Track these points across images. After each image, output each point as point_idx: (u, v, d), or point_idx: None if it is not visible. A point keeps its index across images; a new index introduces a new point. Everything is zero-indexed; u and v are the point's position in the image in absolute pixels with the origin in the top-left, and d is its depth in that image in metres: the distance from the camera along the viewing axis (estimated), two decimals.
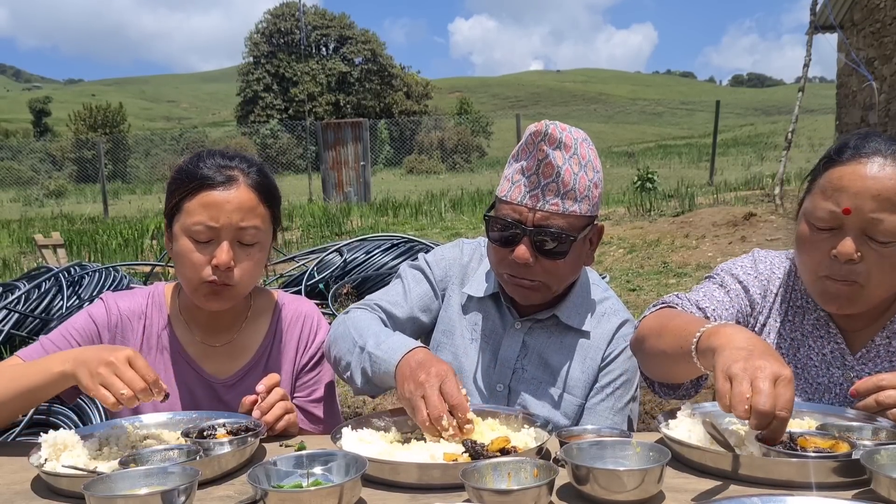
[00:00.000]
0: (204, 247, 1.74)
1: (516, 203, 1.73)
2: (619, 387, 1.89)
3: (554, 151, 1.70)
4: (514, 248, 1.74)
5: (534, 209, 1.72)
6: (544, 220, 1.71)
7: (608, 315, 1.93)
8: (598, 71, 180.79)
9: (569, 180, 1.71)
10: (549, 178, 1.70)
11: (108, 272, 6.11)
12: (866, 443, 1.39)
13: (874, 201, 1.52)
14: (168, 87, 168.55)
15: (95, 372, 1.50)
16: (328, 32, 50.71)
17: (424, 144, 35.31)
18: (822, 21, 11.93)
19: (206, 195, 1.74)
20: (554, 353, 1.89)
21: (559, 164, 1.70)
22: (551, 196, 1.71)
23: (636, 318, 1.85)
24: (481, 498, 1.18)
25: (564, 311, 1.89)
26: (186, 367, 1.87)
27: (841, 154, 1.60)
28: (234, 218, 1.74)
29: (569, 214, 1.72)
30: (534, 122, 1.76)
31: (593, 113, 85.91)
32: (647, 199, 11.32)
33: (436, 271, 1.99)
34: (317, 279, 6.63)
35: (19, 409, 1.69)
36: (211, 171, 1.76)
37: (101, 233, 12.45)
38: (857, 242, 1.55)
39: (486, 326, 1.94)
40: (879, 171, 1.53)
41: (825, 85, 47.98)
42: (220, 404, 1.86)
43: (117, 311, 1.88)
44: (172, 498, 1.18)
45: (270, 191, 1.83)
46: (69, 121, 51.76)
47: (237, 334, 1.91)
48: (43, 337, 1.85)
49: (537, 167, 1.71)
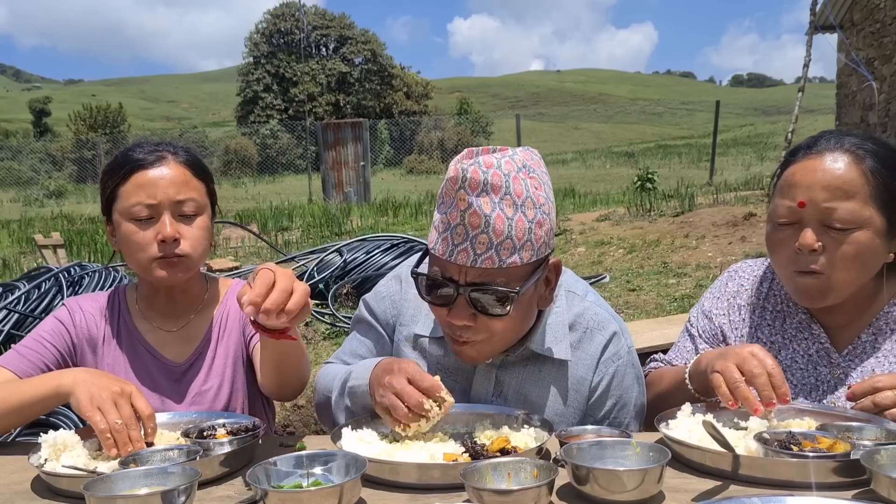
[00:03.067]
0: (146, 224, 1.80)
1: (445, 259, 1.50)
2: (615, 416, 1.75)
3: (479, 199, 1.44)
4: (450, 309, 1.54)
5: (464, 267, 1.48)
6: (479, 277, 1.49)
7: (591, 332, 1.72)
8: (598, 71, 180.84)
9: (501, 229, 1.45)
10: (478, 228, 1.45)
11: (108, 272, 6.11)
12: (866, 443, 1.39)
13: (825, 191, 1.58)
14: (168, 87, 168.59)
15: (97, 395, 1.52)
16: (328, 32, 50.69)
17: (424, 144, 35.31)
18: (822, 21, 11.94)
19: (139, 176, 1.80)
20: (533, 386, 1.71)
21: (487, 213, 1.44)
22: (483, 250, 1.46)
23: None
24: (481, 498, 1.19)
25: (537, 341, 1.68)
26: (147, 355, 1.92)
27: (795, 154, 1.69)
28: (170, 192, 1.80)
29: (507, 267, 1.48)
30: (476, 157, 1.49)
31: (593, 113, 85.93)
32: (647, 199, 11.31)
33: (378, 314, 1.84)
34: (317, 279, 6.62)
35: (10, 426, 1.71)
36: (141, 155, 1.82)
37: (101, 233, 12.44)
38: (816, 233, 1.61)
39: (449, 364, 1.74)
40: (830, 164, 1.60)
41: (825, 85, 47.99)
42: (179, 386, 1.91)
43: (80, 309, 1.94)
44: (172, 498, 1.18)
45: (200, 166, 1.90)
46: (69, 121, 51.72)
47: (193, 317, 1.96)
48: (16, 345, 1.88)
49: (461, 218, 1.46)
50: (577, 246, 8.58)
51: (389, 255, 6.79)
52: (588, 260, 7.96)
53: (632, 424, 1.77)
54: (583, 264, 7.75)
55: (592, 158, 34.62)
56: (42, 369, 1.80)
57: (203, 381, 1.91)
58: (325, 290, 6.53)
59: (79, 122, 49.70)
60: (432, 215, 1.62)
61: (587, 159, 34.16)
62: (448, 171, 1.49)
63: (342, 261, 6.79)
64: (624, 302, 6.05)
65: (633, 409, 1.78)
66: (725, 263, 6.94)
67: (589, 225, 9.67)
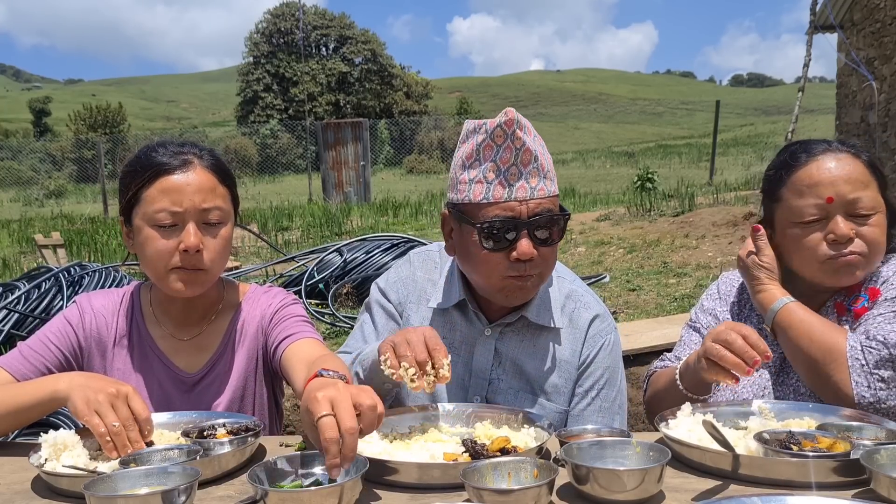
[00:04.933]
0: (169, 232, 1.74)
1: (503, 201, 1.67)
2: (602, 387, 1.85)
3: (527, 136, 1.68)
4: (514, 246, 1.68)
5: (525, 200, 1.67)
6: (537, 207, 1.68)
7: (578, 310, 1.88)
8: (598, 71, 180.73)
9: (544, 162, 1.70)
10: (529, 164, 1.67)
11: (108, 272, 6.11)
12: (866, 442, 1.39)
13: (848, 184, 1.72)
14: (168, 87, 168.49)
15: (94, 399, 1.50)
16: (328, 32, 50.67)
17: (424, 144, 35.31)
18: (822, 21, 11.93)
19: (164, 181, 1.73)
20: (528, 358, 1.84)
21: (534, 148, 1.68)
22: (535, 181, 1.68)
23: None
24: (481, 498, 1.19)
25: (532, 310, 1.84)
26: (158, 363, 1.87)
27: (797, 160, 1.79)
28: (196, 200, 1.73)
29: (552, 195, 1.71)
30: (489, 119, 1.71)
31: (593, 113, 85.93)
32: (647, 199, 11.32)
33: (391, 296, 1.95)
34: (317, 279, 6.62)
35: (6, 429, 1.69)
36: (166, 158, 1.75)
37: (101, 233, 12.45)
38: (847, 222, 1.72)
39: (454, 338, 1.87)
40: (839, 161, 1.75)
41: (825, 85, 47.96)
42: (189, 398, 1.86)
43: (91, 309, 1.89)
44: (172, 498, 1.18)
45: (226, 171, 1.84)
46: (69, 121, 51.68)
47: (207, 327, 1.91)
48: (21, 343, 1.85)
49: (515, 157, 1.66)
50: (577, 246, 8.58)
51: (389, 255, 6.79)
52: (588, 260, 7.96)
53: (615, 407, 1.86)
54: (583, 264, 7.75)
55: (592, 158, 34.64)
56: (43, 372, 1.77)
57: (215, 395, 1.86)
58: (325, 290, 6.53)
59: (79, 122, 49.66)
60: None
61: (587, 159, 34.17)
62: (485, 123, 1.69)
63: (342, 261, 6.79)
64: (624, 302, 6.04)
65: (616, 390, 1.87)
66: (725, 263, 6.94)
67: (589, 225, 9.67)
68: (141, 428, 1.51)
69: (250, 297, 1.95)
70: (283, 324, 1.86)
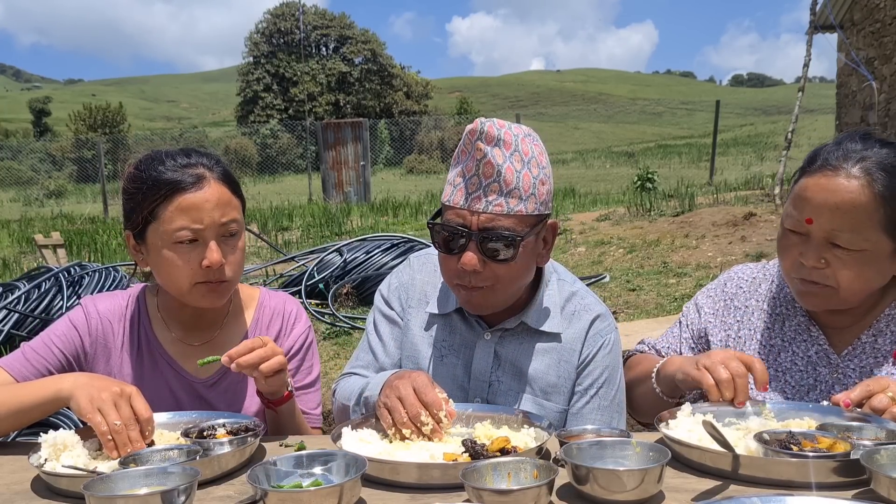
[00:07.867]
0: (189, 249, 1.73)
1: (459, 207, 1.66)
2: (601, 385, 1.85)
3: (492, 149, 1.62)
4: (461, 254, 1.67)
5: (477, 212, 1.64)
6: (489, 221, 1.64)
7: (579, 313, 1.86)
8: (598, 71, 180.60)
9: (511, 179, 1.63)
10: (490, 177, 1.63)
11: (108, 272, 6.11)
12: (866, 443, 1.39)
13: (833, 214, 1.57)
14: (168, 87, 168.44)
15: (97, 397, 1.51)
16: (328, 32, 50.68)
17: (424, 144, 35.31)
18: (822, 21, 11.93)
19: (181, 199, 1.71)
20: (527, 360, 1.83)
21: (499, 163, 1.62)
22: (494, 196, 1.63)
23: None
24: (481, 498, 1.19)
25: (532, 316, 1.82)
26: (167, 367, 1.87)
27: (812, 163, 1.66)
28: (215, 216, 1.73)
29: (514, 214, 1.64)
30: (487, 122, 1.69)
31: (593, 113, 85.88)
32: (647, 199, 11.32)
33: (394, 304, 1.95)
34: (317, 279, 6.62)
35: (8, 429, 1.69)
36: (178, 175, 1.72)
37: (101, 233, 12.47)
38: (821, 250, 1.61)
39: (454, 342, 1.87)
40: (842, 184, 1.57)
41: (825, 85, 47.93)
42: (203, 403, 1.86)
43: (97, 313, 1.88)
44: (172, 498, 1.18)
45: (235, 180, 1.85)
46: (69, 121, 51.67)
47: (218, 332, 1.90)
48: (24, 344, 1.84)
49: (477, 168, 1.63)
50: (577, 246, 8.59)
51: (389, 255, 6.80)
52: (588, 260, 7.96)
53: (614, 406, 1.86)
54: (583, 264, 7.75)
55: (592, 158, 34.63)
56: (44, 374, 1.76)
57: (229, 404, 1.85)
58: (325, 289, 6.53)
59: (79, 122, 49.66)
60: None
61: (587, 159, 34.17)
62: (466, 128, 1.67)
63: (342, 261, 6.79)
64: (624, 302, 6.04)
65: (615, 389, 1.87)
66: (725, 263, 6.94)
67: (589, 225, 9.68)
68: (142, 428, 1.51)
69: (265, 303, 1.96)
70: (301, 372, 1.97)
